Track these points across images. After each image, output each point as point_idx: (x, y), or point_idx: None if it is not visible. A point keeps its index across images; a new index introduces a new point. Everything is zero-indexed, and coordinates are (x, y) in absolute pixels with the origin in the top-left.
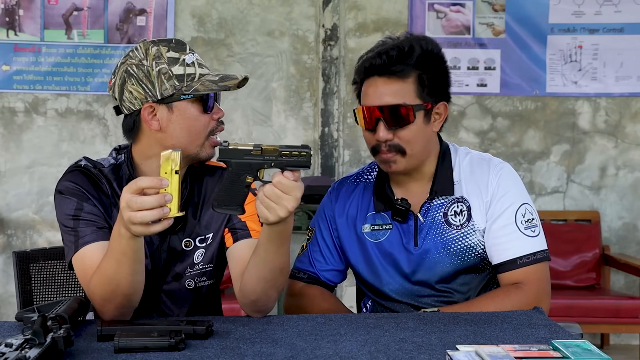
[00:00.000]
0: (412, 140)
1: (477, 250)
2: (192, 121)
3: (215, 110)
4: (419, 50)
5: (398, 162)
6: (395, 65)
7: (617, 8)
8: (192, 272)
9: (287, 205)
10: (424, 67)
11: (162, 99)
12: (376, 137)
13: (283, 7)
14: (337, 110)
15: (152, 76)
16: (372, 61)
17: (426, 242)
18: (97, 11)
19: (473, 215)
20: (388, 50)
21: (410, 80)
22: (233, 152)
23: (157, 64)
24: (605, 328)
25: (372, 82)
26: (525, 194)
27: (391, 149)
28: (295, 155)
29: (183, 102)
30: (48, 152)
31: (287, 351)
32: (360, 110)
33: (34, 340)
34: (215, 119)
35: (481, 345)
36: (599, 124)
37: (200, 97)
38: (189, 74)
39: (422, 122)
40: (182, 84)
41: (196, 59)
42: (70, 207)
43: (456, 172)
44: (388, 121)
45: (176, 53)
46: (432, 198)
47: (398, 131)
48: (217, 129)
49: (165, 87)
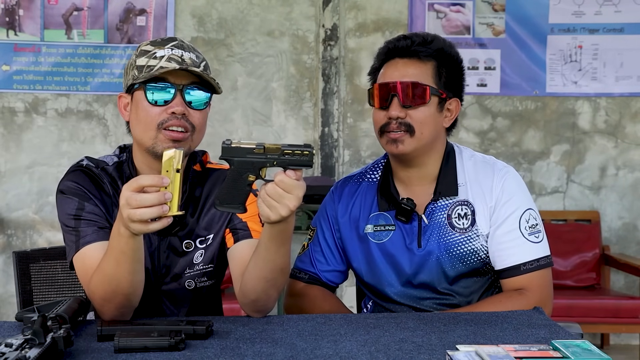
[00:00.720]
0: (424, 122)
1: (480, 255)
2: (141, 111)
3: (172, 104)
4: (440, 43)
5: (406, 143)
6: (418, 47)
7: (617, 8)
8: (192, 272)
9: (289, 204)
10: (442, 60)
11: (127, 89)
12: (388, 114)
13: (283, 7)
14: (337, 110)
15: (127, 68)
16: (397, 43)
17: (430, 243)
18: (97, 11)
19: (477, 220)
20: (411, 35)
21: (429, 65)
22: (235, 151)
23: (132, 56)
24: (605, 328)
25: (392, 63)
26: (529, 199)
27: (401, 126)
28: (298, 154)
29: (138, 92)
30: (48, 152)
31: (287, 351)
32: (377, 87)
33: (34, 340)
34: (168, 113)
35: (481, 345)
36: (599, 124)
37: (145, 86)
38: (149, 65)
39: (435, 109)
40: (140, 74)
41: (172, 54)
42: (71, 207)
43: (460, 174)
44: (403, 98)
45: (153, 47)
46: (436, 199)
47: (411, 110)
48: (169, 122)
49: (128, 77)
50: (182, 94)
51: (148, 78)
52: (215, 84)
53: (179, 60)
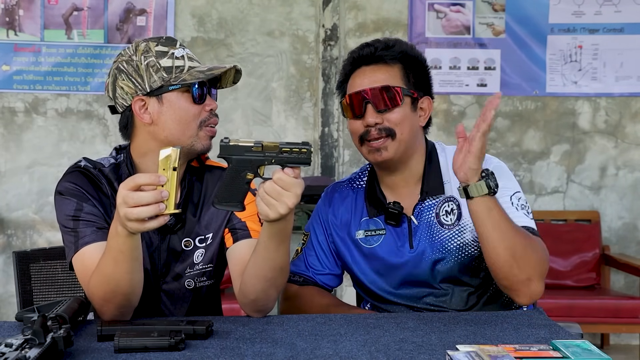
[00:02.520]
0: (401, 123)
1: (469, 250)
2: (182, 112)
3: (207, 102)
4: (402, 46)
5: (389, 148)
6: (381, 52)
7: (617, 8)
8: (191, 272)
9: (288, 202)
10: (407, 62)
11: (151, 91)
12: (365, 122)
13: (283, 7)
14: (337, 110)
15: (141, 70)
16: (360, 52)
17: (421, 243)
18: (97, 11)
19: (463, 213)
20: (373, 43)
21: (396, 68)
22: (233, 149)
23: (146, 58)
24: (605, 328)
25: (359, 72)
26: (516, 184)
27: (381, 132)
28: (296, 152)
29: (172, 93)
30: (48, 152)
31: (287, 351)
32: (347, 98)
33: (34, 340)
34: (207, 110)
35: (481, 345)
36: (599, 124)
37: (189, 87)
38: (177, 66)
39: (409, 109)
40: (171, 76)
41: (186, 53)
42: (70, 208)
43: (445, 171)
44: (377, 103)
45: (165, 47)
46: (423, 199)
47: (386, 114)
48: (209, 120)
49: (154, 80)
50: (210, 92)
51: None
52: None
53: (195, 58)
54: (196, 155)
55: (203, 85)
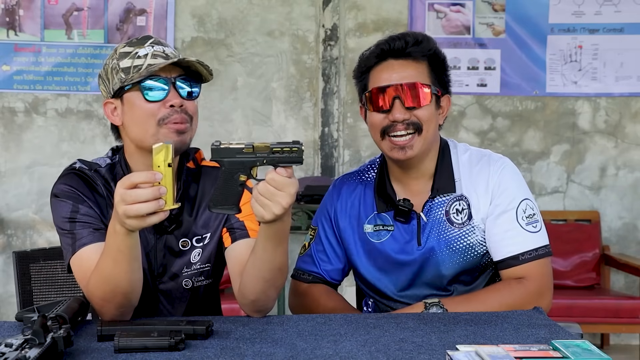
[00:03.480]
0: (429, 120)
1: (478, 249)
2: (138, 110)
3: (168, 98)
4: (431, 43)
5: (414, 146)
6: (412, 47)
7: (617, 8)
8: (189, 271)
9: (282, 201)
10: (432, 59)
11: (114, 93)
12: (392, 117)
13: (283, 7)
14: (337, 110)
15: (108, 73)
16: (391, 44)
17: (429, 241)
18: (97, 11)
19: (473, 214)
20: (405, 37)
21: (424, 65)
22: (225, 151)
23: (111, 61)
24: (605, 328)
25: (386, 65)
26: (525, 190)
27: (409, 127)
28: (287, 152)
29: (129, 93)
30: (48, 152)
31: (287, 351)
32: (374, 92)
33: (34, 340)
34: (167, 107)
35: (481, 345)
36: (599, 124)
37: (140, 85)
38: (135, 65)
39: (434, 107)
40: (128, 76)
41: (153, 51)
42: (66, 210)
43: (456, 169)
44: (406, 99)
45: (131, 47)
46: (433, 196)
47: (414, 111)
48: (170, 117)
49: (115, 82)
50: (175, 87)
51: (144, 77)
52: (206, 68)
53: (163, 55)
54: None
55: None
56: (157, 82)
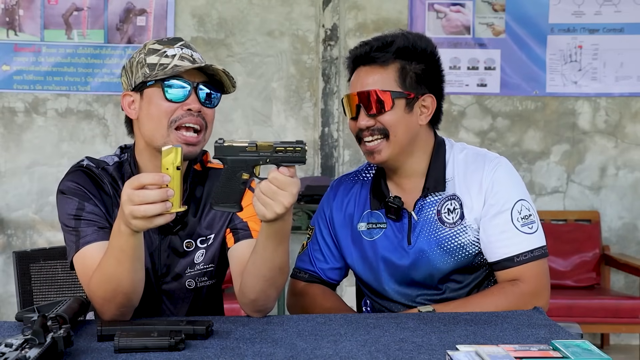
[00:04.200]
0: (394, 125)
1: (470, 249)
2: (155, 107)
3: (187, 101)
4: (402, 42)
5: (382, 151)
6: (375, 52)
7: (617, 8)
8: (192, 272)
9: (284, 201)
10: (407, 58)
11: (135, 87)
12: (358, 125)
13: (283, 7)
14: (337, 110)
15: (133, 66)
16: (356, 51)
17: (419, 240)
18: (97, 11)
19: (466, 214)
20: (370, 41)
21: (391, 69)
22: (228, 149)
23: (139, 55)
24: (605, 328)
25: (357, 72)
26: (521, 190)
27: (374, 132)
28: (290, 151)
29: (150, 89)
30: (48, 152)
31: (287, 351)
32: (345, 99)
33: (34, 340)
34: (184, 109)
35: (481, 345)
36: (599, 124)
37: (163, 84)
38: (162, 63)
39: (403, 111)
40: (152, 72)
41: (182, 53)
42: (71, 207)
43: (449, 169)
44: (367, 107)
45: (161, 46)
46: (425, 195)
47: (379, 117)
48: (182, 119)
49: (138, 75)
50: (196, 92)
51: (168, 75)
52: (230, 79)
53: (191, 59)
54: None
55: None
56: (181, 83)
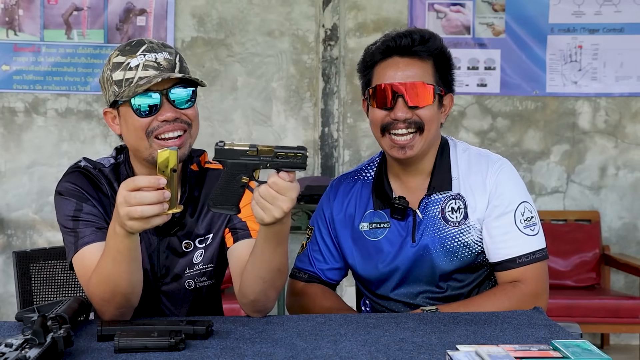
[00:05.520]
0: (431, 120)
1: (473, 249)
2: (131, 125)
3: (161, 112)
4: (438, 42)
5: (415, 146)
6: (418, 46)
7: (617, 8)
8: (191, 272)
9: (283, 206)
10: (438, 57)
11: (110, 104)
12: (393, 115)
13: (283, 7)
14: (337, 110)
15: (104, 82)
16: (397, 41)
17: (424, 238)
18: (97, 11)
19: (469, 213)
20: (411, 34)
21: (429, 64)
22: (229, 152)
23: (106, 70)
24: (605, 328)
25: (391, 62)
26: (524, 192)
27: (411, 125)
28: (291, 157)
29: (123, 107)
30: (48, 152)
31: (287, 351)
32: (378, 88)
33: (34, 340)
34: (159, 120)
35: (481, 345)
36: (599, 124)
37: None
38: (127, 78)
39: (437, 107)
40: (120, 90)
41: (144, 61)
42: (69, 208)
43: (454, 168)
44: (409, 98)
45: (124, 57)
46: (430, 194)
47: (417, 110)
48: (158, 129)
49: (109, 93)
50: (167, 98)
51: (132, 95)
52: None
53: (155, 65)
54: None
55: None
56: (148, 98)
